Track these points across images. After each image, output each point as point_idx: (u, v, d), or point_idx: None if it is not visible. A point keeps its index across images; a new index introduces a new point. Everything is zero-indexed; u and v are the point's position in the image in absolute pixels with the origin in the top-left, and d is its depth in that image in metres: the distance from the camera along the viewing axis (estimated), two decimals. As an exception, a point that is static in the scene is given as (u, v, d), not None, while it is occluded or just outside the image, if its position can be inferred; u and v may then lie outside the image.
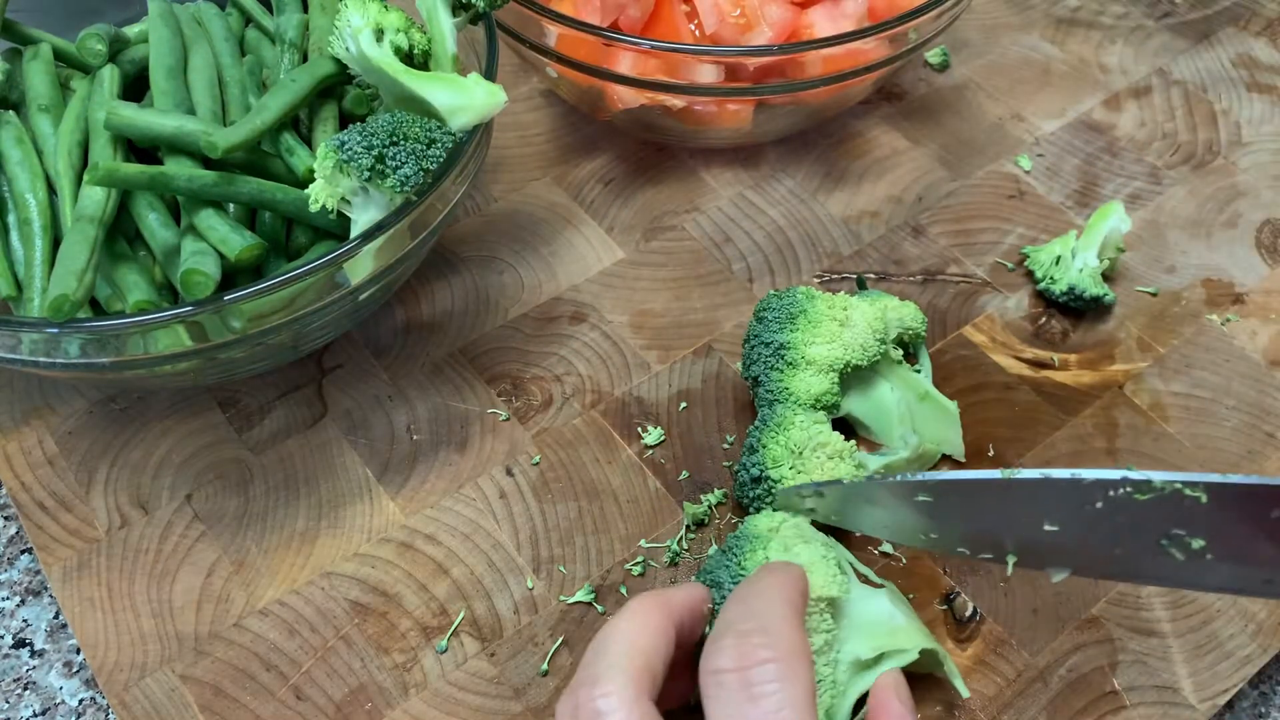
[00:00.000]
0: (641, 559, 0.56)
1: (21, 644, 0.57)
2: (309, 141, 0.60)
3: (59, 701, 0.55)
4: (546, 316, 0.67)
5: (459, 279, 0.68)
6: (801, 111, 0.71)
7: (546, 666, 0.53)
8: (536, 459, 0.60)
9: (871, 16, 0.70)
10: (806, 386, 0.57)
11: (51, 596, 0.58)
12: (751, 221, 0.72)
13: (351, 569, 0.56)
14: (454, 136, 0.54)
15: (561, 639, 0.54)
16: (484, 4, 0.59)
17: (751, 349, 0.59)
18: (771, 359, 0.58)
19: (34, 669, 0.56)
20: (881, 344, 0.58)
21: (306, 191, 0.54)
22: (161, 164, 0.57)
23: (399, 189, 0.52)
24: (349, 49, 0.58)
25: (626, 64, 0.65)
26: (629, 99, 0.68)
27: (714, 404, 0.63)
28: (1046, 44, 0.84)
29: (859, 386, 0.60)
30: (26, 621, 0.57)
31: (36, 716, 0.54)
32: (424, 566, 0.56)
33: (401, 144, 0.52)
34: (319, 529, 0.58)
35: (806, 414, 0.56)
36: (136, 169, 0.54)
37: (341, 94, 0.62)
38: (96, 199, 0.54)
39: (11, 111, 0.60)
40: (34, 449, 0.60)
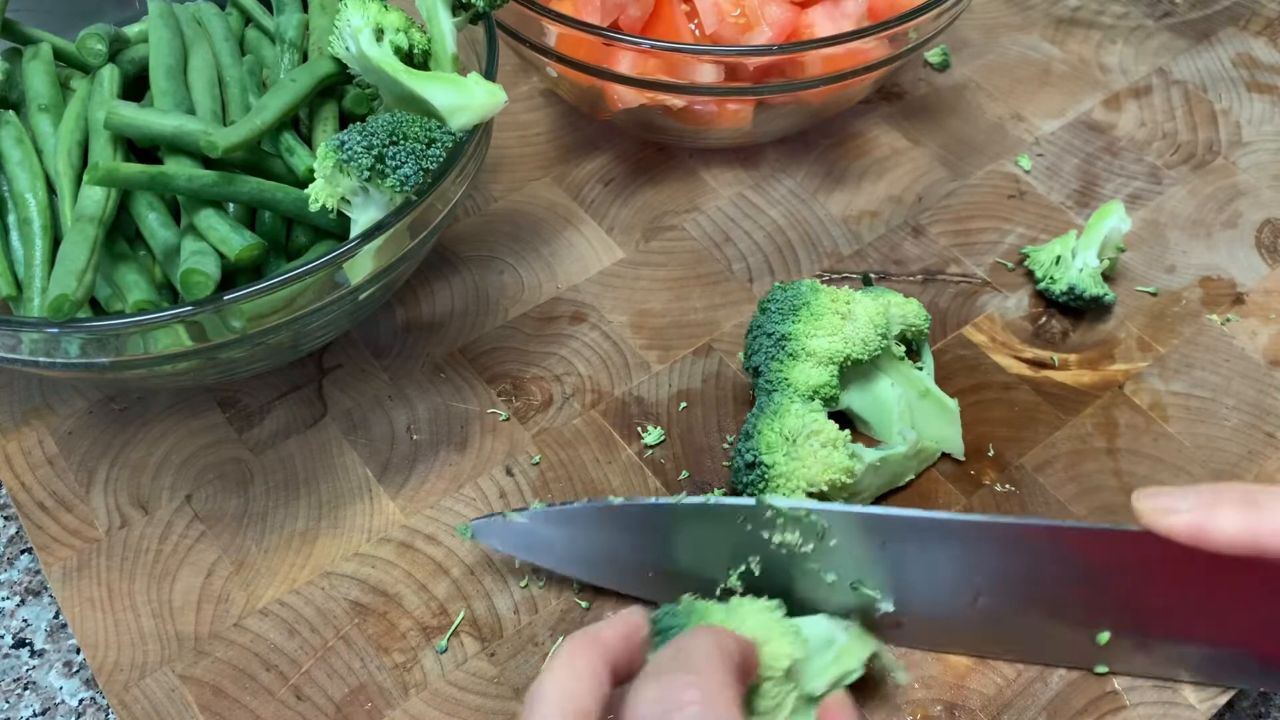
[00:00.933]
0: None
1: (21, 644, 0.57)
2: (309, 141, 0.60)
3: (59, 701, 0.55)
4: (546, 316, 0.67)
5: (459, 279, 0.68)
6: (801, 111, 0.71)
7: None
8: (536, 459, 0.60)
9: (871, 16, 0.70)
10: (806, 378, 0.57)
11: (51, 596, 0.58)
12: (751, 221, 0.72)
13: (351, 569, 0.56)
14: (454, 136, 0.54)
15: (561, 639, 0.54)
16: (484, 4, 0.59)
17: (754, 339, 0.60)
18: (773, 349, 0.59)
19: (34, 669, 0.56)
20: (883, 339, 0.59)
21: (306, 191, 0.54)
22: (161, 164, 0.57)
23: (399, 189, 0.52)
24: (349, 49, 0.58)
25: (626, 64, 0.65)
26: (629, 99, 0.68)
27: (714, 404, 0.63)
28: (1046, 44, 0.84)
29: (859, 381, 0.60)
30: (26, 621, 0.57)
31: (36, 716, 0.54)
32: (424, 566, 0.56)
33: (401, 144, 0.52)
34: (319, 529, 0.58)
35: (803, 403, 0.57)
36: (136, 169, 0.54)
37: (341, 94, 0.62)
38: (96, 199, 0.54)
39: (11, 111, 0.60)
40: (34, 449, 0.60)
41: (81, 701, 0.55)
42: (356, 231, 0.54)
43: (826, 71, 0.65)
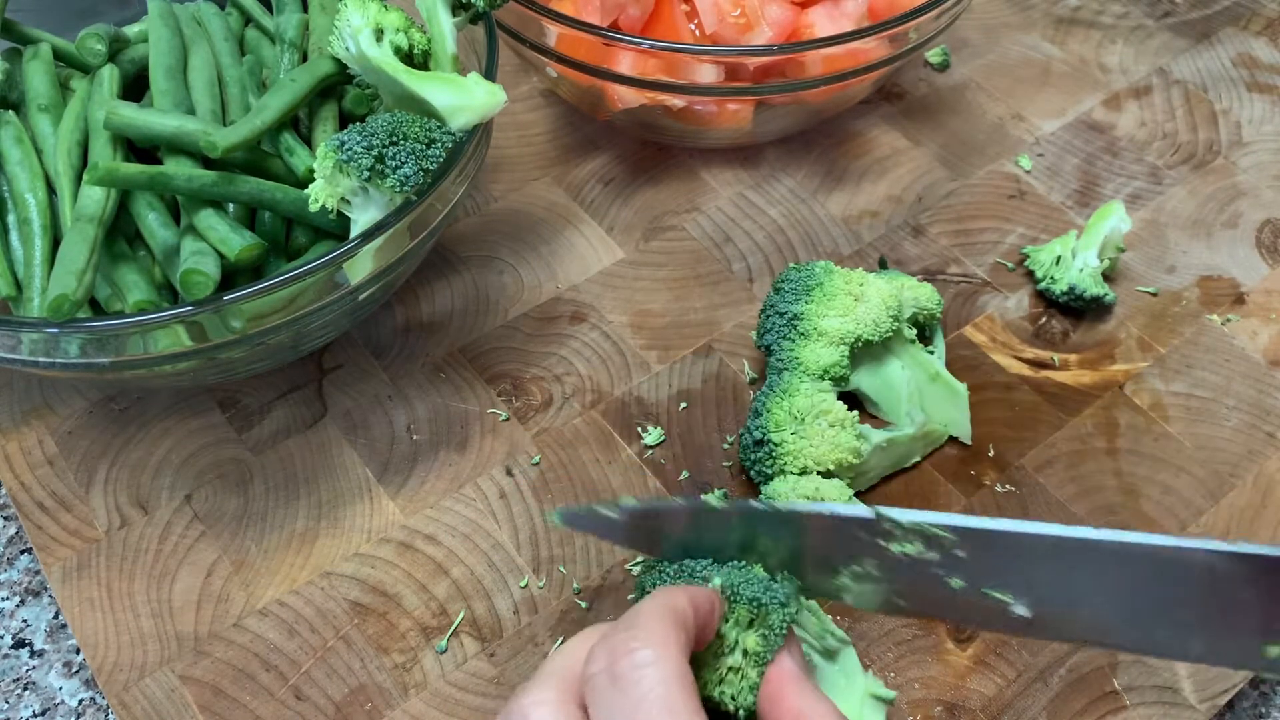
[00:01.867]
0: (641, 559, 0.56)
1: (21, 644, 0.57)
2: (309, 141, 0.60)
3: (59, 701, 0.55)
4: (546, 316, 0.67)
5: (459, 279, 0.68)
6: (801, 111, 0.71)
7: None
8: (536, 459, 0.60)
9: (871, 16, 0.70)
10: (816, 357, 0.58)
11: (51, 596, 0.58)
12: (751, 221, 0.72)
13: (351, 569, 0.56)
14: (454, 136, 0.54)
15: (561, 639, 0.54)
16: (484, 4, 0.59)
17: (767, 318, 0.61)
18: (785, 328, 0.59)
19: (34, 669, 0.56)
20: (895, 322, 0.59)
21: (306, 191, 0.54)
22: (161, 164, 0.57)
23: (399, 189, 0.52)
24: (349, 49, 0.58)
25: (626, 64, 0.65)
26: (629, 99, 0.68)
27: (714, 404, 0.63)
28: (1047, 44, 0.84)
29: (870, 363, 0.60)
30: (26, 621, 0.57)
31: (36, 716, 0.54)
32: (424, 566, 0.56)
33: (401, 144, 0.52)
34: (319, 529, 0.58)
35: (813, 383, 0.57)
36: (136, 169, 0.54)
37: (341, 94, 0.62)
38: (96, 199, 0.54)
39: (11, 111, 0.60)
40: (34, 449, 0.60)
41: (81, 701, 0.55)
42: (356, 231, 0.54)
43: (827, 71, 0.65)
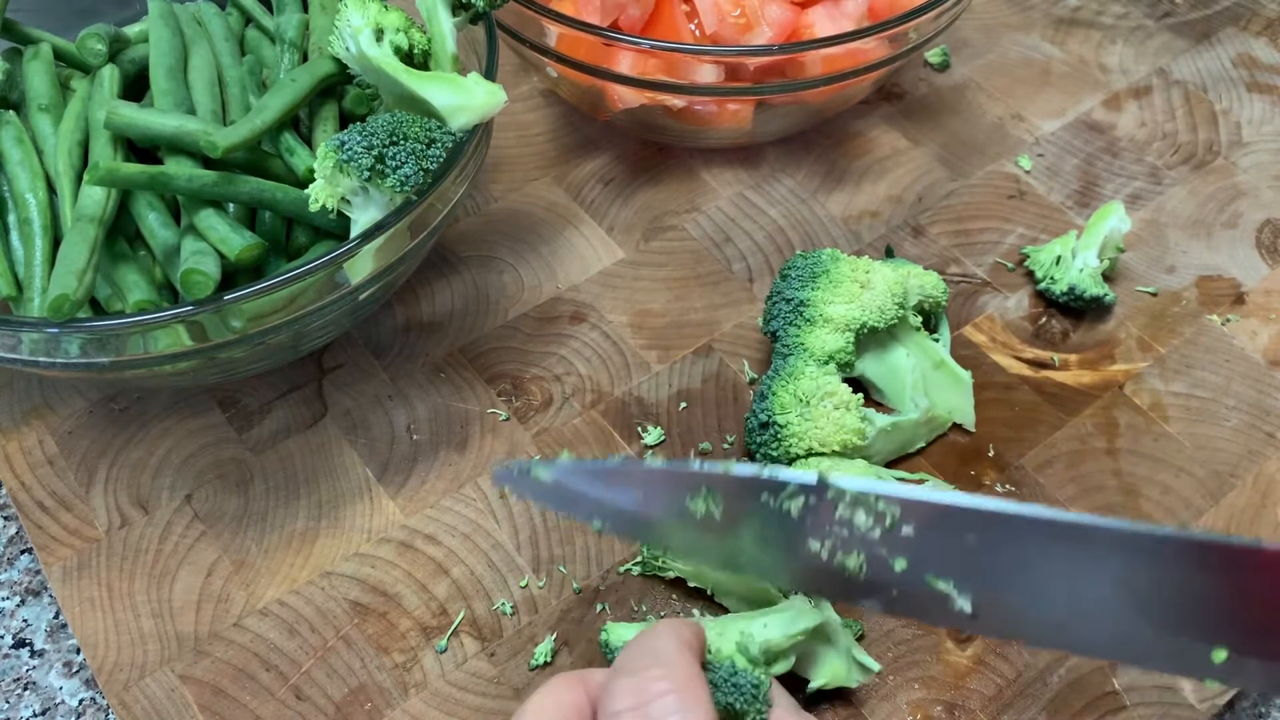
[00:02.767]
0: (641, 559, 0.56)
1: (21, 644, 0.57)
2: (309, 141, 0.60)
3: (59, 701, 0.55)
4: (546, 316, 0.67)
5: (459, 279, 0.68)
6: (801, 111, 0.71)
7: (538, 661, 0.53)
8: (537, 459, 0.60)
9: (871, 16, 0.70)
10: (821, 343, 0.58)
11: (51, 596, 0.58)
12: (751, 221, 0.72)
13: (351, 569, 0.56)
14: (454, 136, 0.54)
15: (560, 638, 0.54)
16: (484, 4, 0.59)
17: (773, 304, 0.61)
18: (791, 314, 0.60)
19: (34, 669, 0.56)
20: (900, 309, 0.60)
21: (306, 191, 0.54)
22: (161, 164, 0.57)
23: (399, 189, 0.52)
24: (349, 49, 0.58)
25: (626, 64, 0.65)
26: (629, 99, 0.68)
27: (714, 404, 0.63)
28: (1046, 44, 0.84)
29: (875, 349, 0.61)
30: (26, 621, 0.57)
31: (36, 716, 0.54)
32: (424, 566, 0.56)
33: (401, 144, 0.52)
34: (319, 529, 0.58)
35: (818, 367, 0.58)
36: (136, 169, 0.54)
37: (341, 94, 0.62)
38: (96, 199, 0.54)
39: (12, 111, 0.60)
40: (34, 449, 0.60)
41: (81, 701, 0.55)
42: (356, 231, 0.54)
43: (827, 71, 0.65)
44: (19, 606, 0.58)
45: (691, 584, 0.55)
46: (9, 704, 0.54)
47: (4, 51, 0.64)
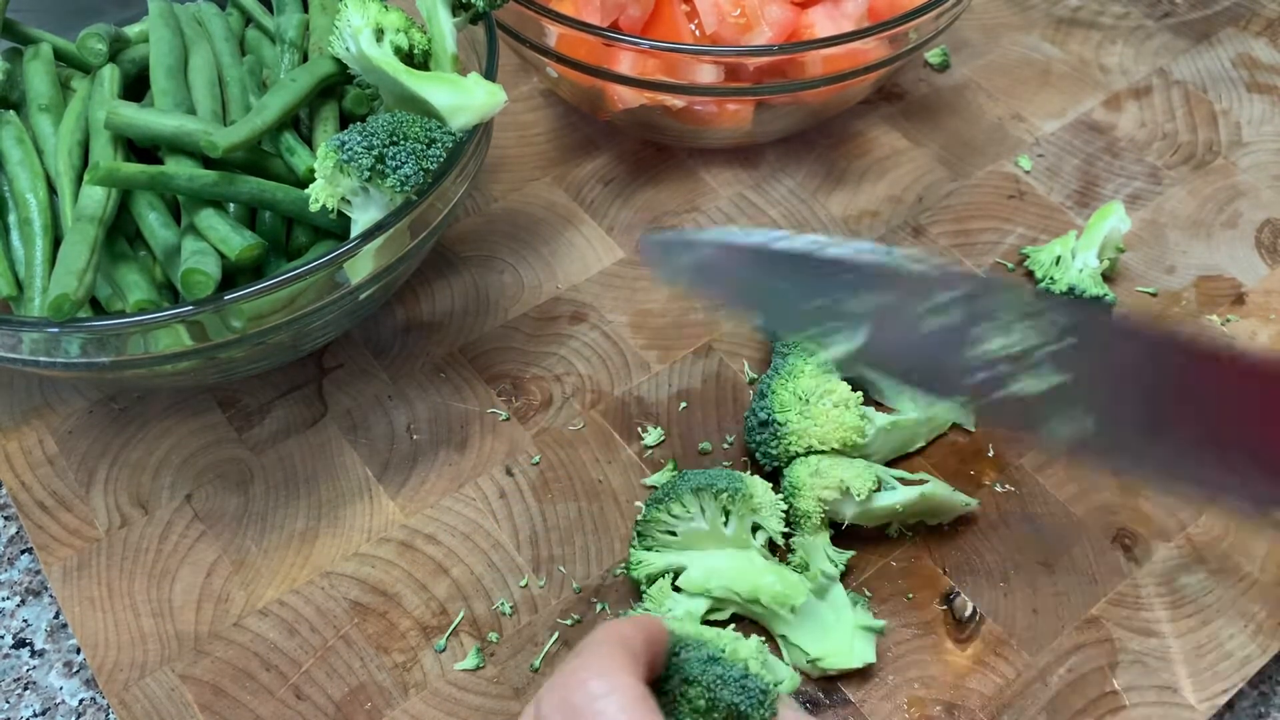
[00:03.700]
0: (630, 562, 0.56)
1: (21, 644, 0.57)
2: (309, 141, 0.60)
3: (59, 701, 0.55)
4: (546, 316, 0.67)
5: (459, 279, 0.68)
6: (801, 111, 0.71)
7: (538, 663, 0.53)
8: (536, 459, 0.60)
9: (872, 16, 0.70)
10: None
11: (51, 596, 0.58)
12: (751, 221, 0.72)
13: (351, 569, 0.56)
14: (454, 136, 0.54)
15: (559, 637, 0.54)
16: (484, 4, 0.59)
17: None
18: None
19: (34, 669, 0.56)
20: None
21: (307, 191, 0.54)
22: (162, 164, 0.57)
23: (399, 189, 0.52)
24: (349, 49, 0.58)
25: (626, 64, 0.65)
26: (629, 99, 0.68)
27: (714, 404, 0.63)
28: (1046, 44, 0.84)
29: None
30: (26, 621, 0.57)
31: (36, 716, 0.54)
32: (424, 566, 0.56)
33: (401, 144, 0.52)
34: (319, 529, 0.58)
35: (817, 365, 0.58)
36: (137, 169, 0.54)
37: (341, 94, 0.62)
38: (97, 199, 0.54)
39: (12, 111, 0.60)
40: (34, 449, 0.60)
41: (81, 701, 0.55)
42: (356, 231, 0.55)
43: (827, 71, 0.65)
44: (19, 606, 0.58)
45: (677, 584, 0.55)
46: (9, 704, 0.54)
47: (4, 51, 0.64)
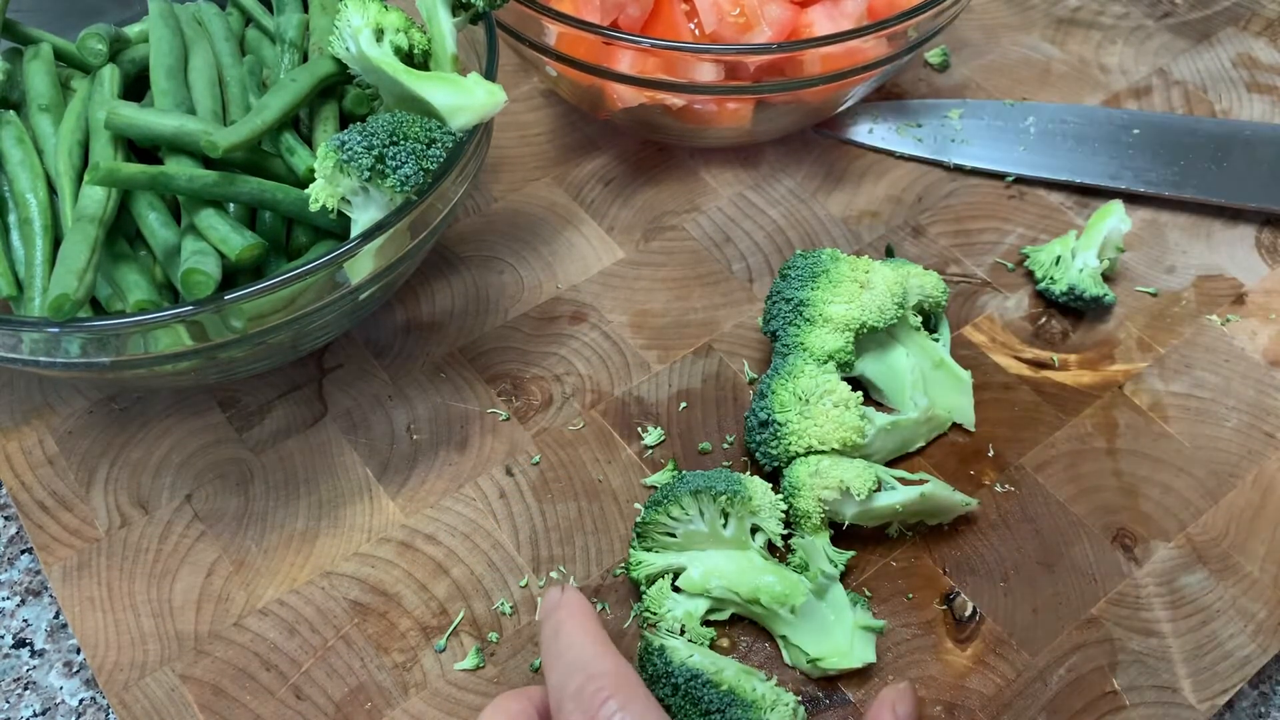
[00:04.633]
0: (628, 563, 0.56)
1: (21, 644, 0.57)
2: (309, 141, 0.60)
3: (59, 701, 0.55)
4: (546, 316, 0.67)
5: (459, 279, 0.68)
6: (801, 111, 0.71)
7: (538, 664, 0.53)
8: (536, 459, 0.60)
9: (871, 15, 0.70)
10: (821, 343, 0.59)
11: (51, 596, 0.58)
12: (751, 221, 0.72)
13: (351, 569, 0.56)
14: (454, 136, 0.54)
15: (561, 639, 0.54)
16: (484, 4, 0.59)
17: (773, 304, 0.62)
18: (790, 314, 0.60)
19: (34, 669, 0.56)
20: (900, 309, 0.60)
21: (307, 191, 0.54)
22: (162, 164, 0.57)
23: (399, 189, 0.52)
24: (349, 49, 0.58)
25: (626, 63, 0.65)
26: (629, 98, 0.68)
27: (714, 404, 0.63)
28: (1046, 44, 0.84)
29: (875, 349, 0.61)
30: (26, 621, 0.57)
31: (36, 716, 0.54)
32: (424, 566, 0.56)
33: (401, 144, 0.52)
34: (319, 529, 0.58)
35: (818, 366, 0.58)
36: (137, 169, 0.54)
37: (341, 94, 0.62)
38: (97, 199, 0.54)
39: (12, 111, 0.60)
40: (34, 449, 0.60)
41: (81, 701, 0.55)
42: (357, 231, 0.54)
43: (826, 70, 0.65)
44: (19, 606, 0.58)
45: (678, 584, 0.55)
46: (9, 704, 0.54)
47: (4, 51, 0.64)
